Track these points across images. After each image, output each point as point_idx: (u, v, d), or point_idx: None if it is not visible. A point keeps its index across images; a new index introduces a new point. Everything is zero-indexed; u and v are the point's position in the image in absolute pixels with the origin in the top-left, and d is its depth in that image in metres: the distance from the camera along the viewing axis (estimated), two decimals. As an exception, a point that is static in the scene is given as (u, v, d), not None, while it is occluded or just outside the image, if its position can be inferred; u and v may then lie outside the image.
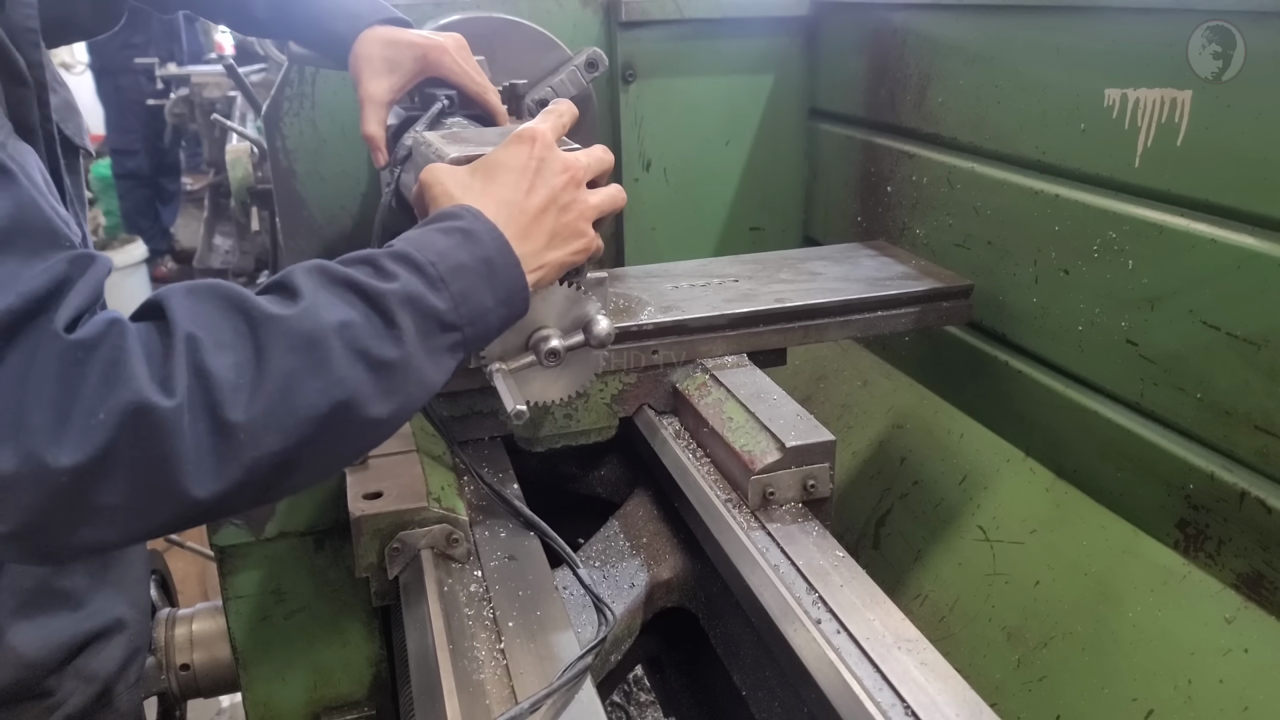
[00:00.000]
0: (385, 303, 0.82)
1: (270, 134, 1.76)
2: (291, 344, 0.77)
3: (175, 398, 0.71)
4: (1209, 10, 1.10)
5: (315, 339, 0.78)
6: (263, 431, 0.75)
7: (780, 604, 0.99)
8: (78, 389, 0.69)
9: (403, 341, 0.83)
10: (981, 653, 1.38)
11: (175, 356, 0.73)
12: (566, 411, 1.33)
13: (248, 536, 1.12)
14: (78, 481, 0.69)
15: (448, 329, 0.87)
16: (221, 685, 1.40)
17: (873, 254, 1.64)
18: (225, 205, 4.99)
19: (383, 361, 0.82)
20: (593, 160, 1.05)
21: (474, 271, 0.90)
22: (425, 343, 0.85)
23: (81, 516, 0.71)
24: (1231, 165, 1.12)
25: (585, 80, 1.54)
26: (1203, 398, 1.19)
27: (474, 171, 1.01)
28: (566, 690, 0.88)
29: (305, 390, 0.77)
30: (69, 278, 0.73)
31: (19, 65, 0.89)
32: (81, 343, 0.70)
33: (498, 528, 1.15)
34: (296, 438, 0.77)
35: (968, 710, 0.84)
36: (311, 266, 0.84)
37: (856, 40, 1.81)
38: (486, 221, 0.94)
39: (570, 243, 1.01)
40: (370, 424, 0.82)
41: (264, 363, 0.76)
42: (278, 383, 0.76)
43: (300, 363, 0.77)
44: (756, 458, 1.13)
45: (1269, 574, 1.13)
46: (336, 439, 0.81)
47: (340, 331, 0.79)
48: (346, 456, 0.88)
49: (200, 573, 3.17)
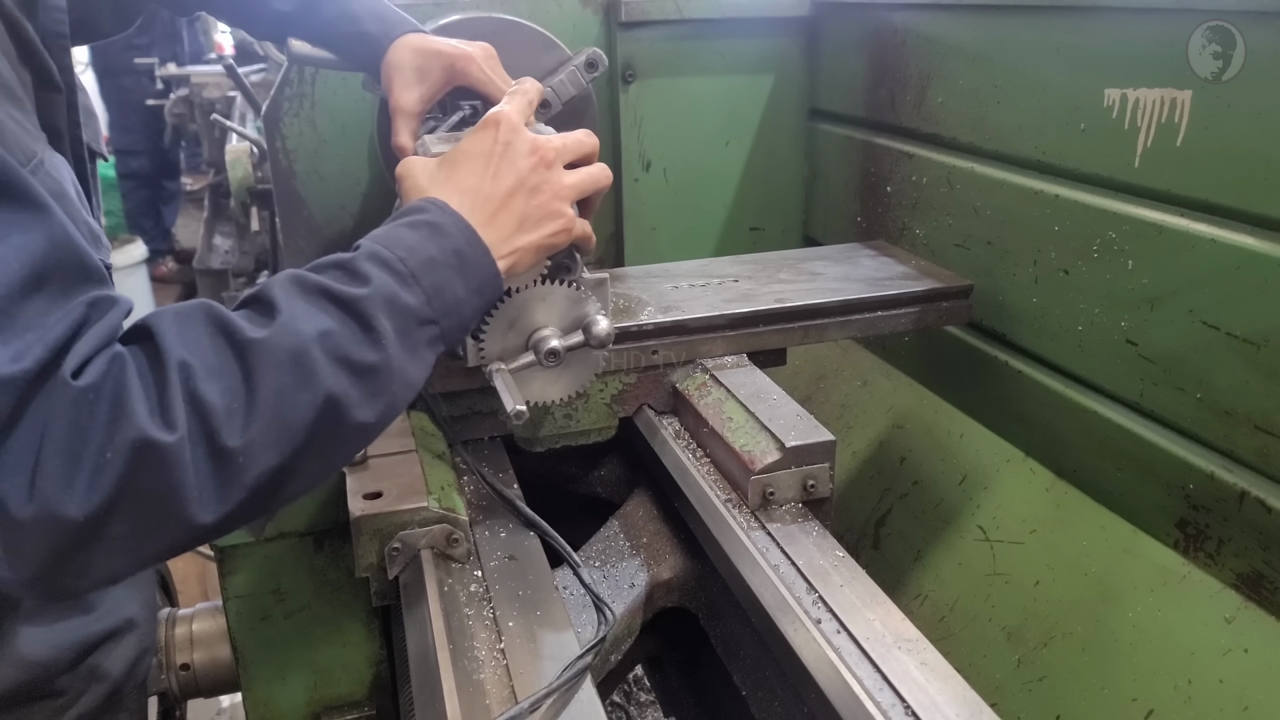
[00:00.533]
0: (360, 307, 0.83)
1: (270, 134, 1.76)
2: (277, 361, 0.78)
3: (176, 431, 0.73)
4: (1209, 10, 1.10)
5: (298, 353, 0.79)
6: (259, 451, 0.76)
7: (780, 604, 0.99)
8: (87, 432, 0.70)
9: (382, 344, 0.84)
10: (981, 653, 1.38)
11: (171, 388, 0.74)
12: (566, 411, 1.33)
13: (247, 537, 1.12)
14: (90, 522, 0.71)
15: (424, 324, 0.88)
16: (221, 685, 1.40)
17: (873, 254, 1.64)
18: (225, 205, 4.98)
19: (365, 366, 0.82)
20: (569, 143, 1.05)
21: (444, 264, 0.90)
22: (404, 341, 0.86)
23: (93, 553, 0.73)
24: (1231, 165, 1.12)
25: (585, 80, 1.54)
26: (1203, 398, 1.19)
27: (441, 163, 1.01)
28: (566, 690, 0.88)
29: (294, 404, 0.78)
30: (87, 321, 0.74)
31: (51, 70, 0.90)
32: (90, 387, 0.71)
33: (498, 528, 1.15)
34: (290, 450, 0.78)
35: (968, 710, 0.84)
36: (285, 278, 0.84)
37: (856, 40, 1.81)
38: (452, 212, 0.94)
39: (543, 225, 1.01)
40: (359, 428, 0.83)
41: (252, 386, 0.77)
42: (269, 402, 0.77)
43: (287, 379, 0.78)
44: (756, 458, 1.13)
45: (1269, 574, 1.13)
46: (328, 446, 0.82)
47: (321, 341, 0.80)
48: (338, 461, 0.89)
49: (200, 573, 3.17)
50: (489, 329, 1.11)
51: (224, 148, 3.98)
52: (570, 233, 1.04)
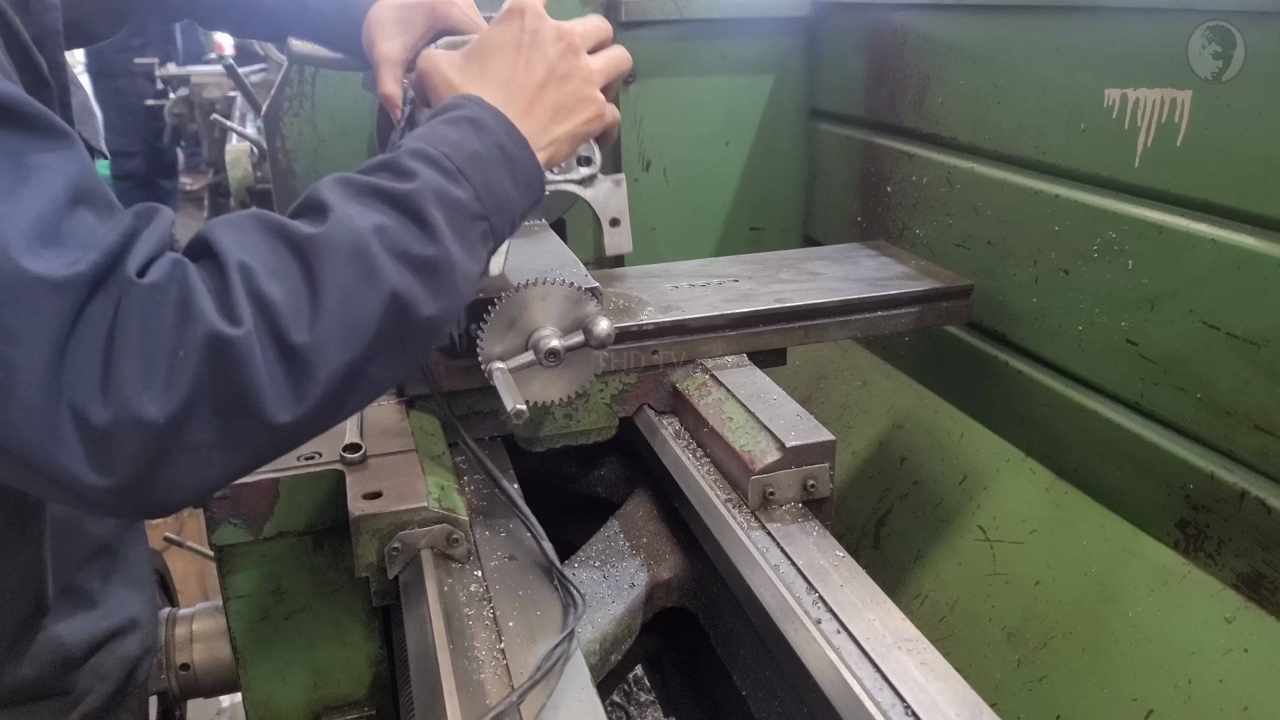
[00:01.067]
0: (412, 202, 0.82)
1: (270, 134, 1.76)
2: (338, 257, 0.77)
3: (243, 326, 0.72)
4: (1209, 10, 1.10)
5: (357, 248, 0.78)
6: (329, 349, 0.76)
7: (780, 604, 0.99)
8: (159, 332, 0.70)
9: (438, 238, 0.83)
10: (981, 653, 1.38)
11: (234, 288, 0.73)
12: (566, 411, 1.33)
13: (247, 536, 1.11)
14: (171, 423, 0.70)
15: (476, 219, 0.87)
16: (221, 685, 1.41)
17: (873, 254, 1.64)
18: (225, 205, 4.99)
19: (424, 260, 0.82)
20: (589, 28, 1.04)
21: (489, 160, 0.89)
22: (458, 236, 0.85)
23: (180, 459, 0.72)
24: (1231, 165, 1.12)
25: (585, 80, 1.54)
26: (1203, 398, 1.19)
27: (469, 56, 1.00)
28: (558, 684, 0.88)
29: (361, 301, 0.78)
30: (136, 230, 0.74)
31: (40, 66, 0.90)
32: (156, 286, 0.71)
33: (498, 528, 1.14)
34: (360, 349, 0.78)
35: (968, 710, 0.84)
36: (334, 180, 0.83)
37: (856, 40, 1.81)
38: (489, 107, 0.93)
39: (577, 112, 1.00)
40: (426, 324, 0.83)
41: (316, 282, 0.76)
42: (334, 299, 0.76)
43: (350, 275, 0.77)
44: (756, 458, 1.13)
45: (1269, 574, 1.13)
46: (397, 345, 0.81)
47: (379, 236, 0.79)
48: (408, 362, 0.88)
49: (200, 573, 3.17)
50: (489, 328, 1.11)
51: (224, 148, 3.98)
52: (603, 119, 1.03)
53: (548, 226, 1.41)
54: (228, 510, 1.09)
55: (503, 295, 1.10)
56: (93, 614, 1.10)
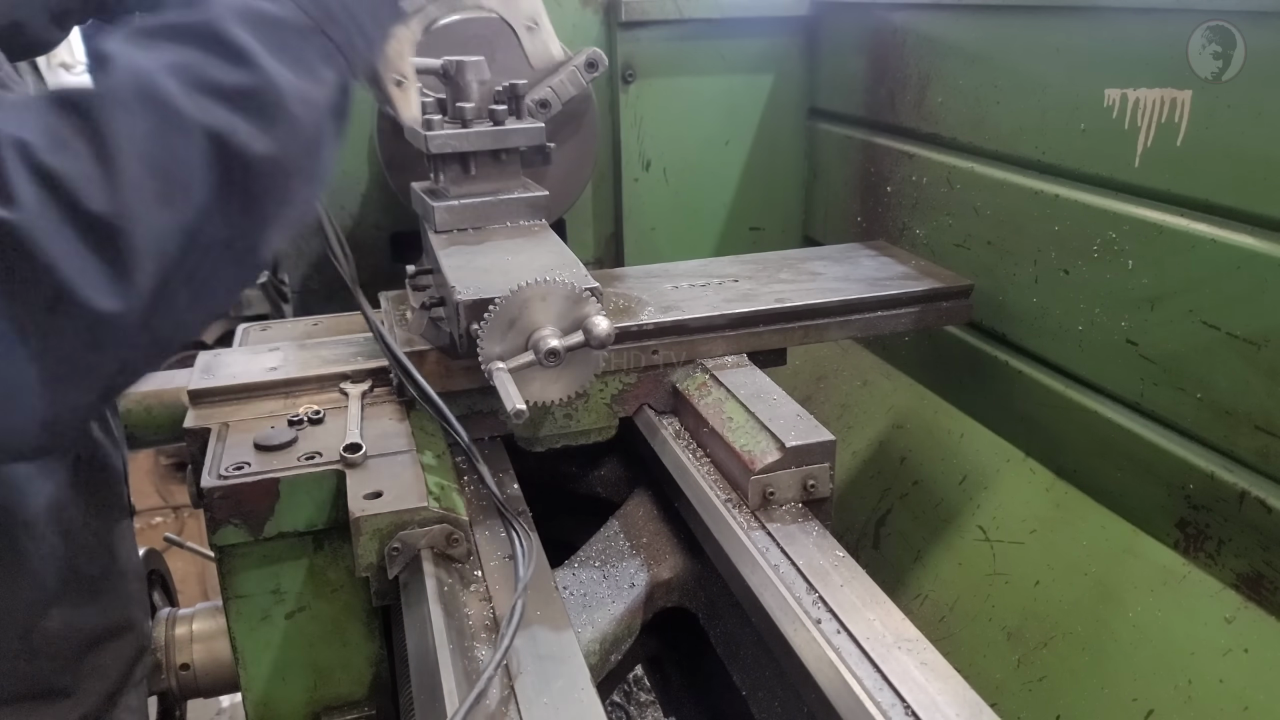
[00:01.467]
0: (209, 29, 0.74)
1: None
2: (125, 108, 0.69)
3: (21, 209, 0.64)
4: (1209, 10, 1.10)
5: (147, 93, 0.70)
6: (140, 211, 0.67)
7: (780, 604, 0.99)
8: None
9: (249, 62, 0.74)
10: (981, 653, 1.38)
11: (6, 167, 0.65)
12: (566, 411, 1.33)
13: (247, 536, 1.11)
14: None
15: (304, 34, 0.79)
16: (221, 685, 1.40)
17: (873, 254, 1.64)
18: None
19: (239, 90, 0.73)
20: None
21: None
22: (281, 56, 0.76)
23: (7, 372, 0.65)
24: (1231, 165, 1.12)
25: (585, 80, 1.54)
26: (1203, 398, 1.19)
27: None
28: (558, 684, 0.88)
29: (166, 150, 0.69)
30: None
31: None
32: None
33: (498, 527, 1.14)
34: (186, 205, 0.70)
35: (968, 710, 0.84)
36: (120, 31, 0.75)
37: (856, 40, 1.81)
38: None
39: None
40: (265, 163, 0.73)
41: (105, 140, 0.67)
42: (131, 154, 0.68)
43: (145, 124, 0.69)
44: (756, 458, 1.13)
45: (1269, 574, 1.13)
46: (238, 193, 0.72)
47: (173, 74, 0.71)
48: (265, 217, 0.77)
49: (200, 573, 3.17)
50: (489, 329, 1.11)
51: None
52: None
53: (548, 226, 1.41)
54: (228, 511, 1.09)
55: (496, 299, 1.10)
56: (89, 609, 1.10)
